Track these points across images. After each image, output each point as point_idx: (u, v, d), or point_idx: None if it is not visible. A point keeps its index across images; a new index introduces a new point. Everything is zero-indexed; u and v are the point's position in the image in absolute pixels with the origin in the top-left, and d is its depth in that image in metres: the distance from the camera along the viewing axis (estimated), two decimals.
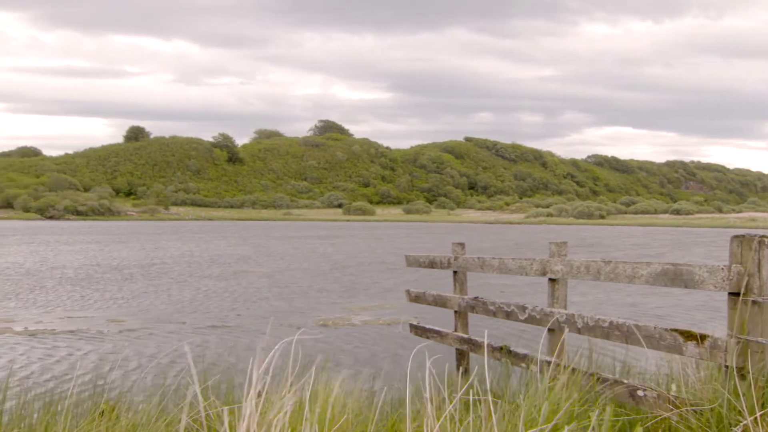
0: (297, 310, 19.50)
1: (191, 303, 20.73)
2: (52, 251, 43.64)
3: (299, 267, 33.18)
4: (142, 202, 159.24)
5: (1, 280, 26.65)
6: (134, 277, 28.14)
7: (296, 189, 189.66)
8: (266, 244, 53.03)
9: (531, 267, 7.00)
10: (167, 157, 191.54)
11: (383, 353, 13.62)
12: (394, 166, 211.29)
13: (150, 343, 14.55)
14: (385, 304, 20.52)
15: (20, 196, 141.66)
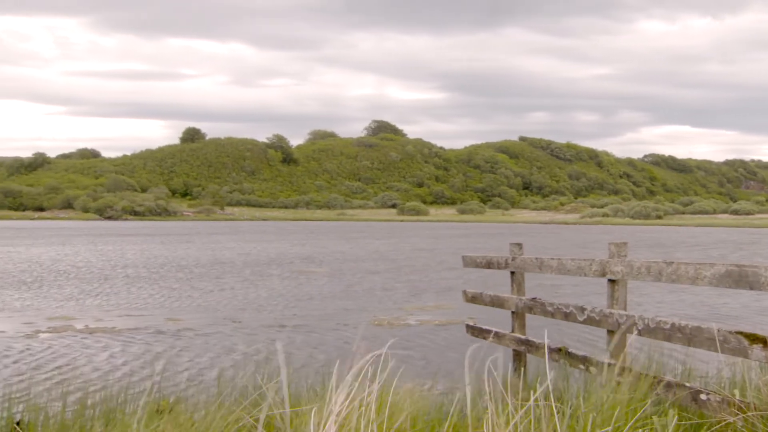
0: (353, 310, 19.55)
1: (249, 302, 20.90)
2: (114, 251, 44.36)
3: (355, 267, 33.25)
4: (198, 202, 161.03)
5: (64, 278, 27.16)
6: (194, 276, 28.47)
7: (350, 189, 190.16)
8: (322, 244, 53.26)
9: (590, 268, 6.91)
10: (222, 158, 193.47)
11: (439, 354, 13.58)
12: (448, 166, 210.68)
13: (207, 343, 14.69)
14: (441, 305, 20.46)
15: (80, 197, 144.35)
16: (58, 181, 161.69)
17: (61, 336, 15.34)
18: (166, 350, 13.67)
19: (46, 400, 6.48)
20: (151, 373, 10.39)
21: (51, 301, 20.93)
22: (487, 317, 16.06)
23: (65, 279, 27.16)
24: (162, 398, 6.89)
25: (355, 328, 16.59)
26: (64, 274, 28.95)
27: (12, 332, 15.79)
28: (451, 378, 10.84)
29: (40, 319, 17.67)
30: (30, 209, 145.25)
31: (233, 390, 5.99)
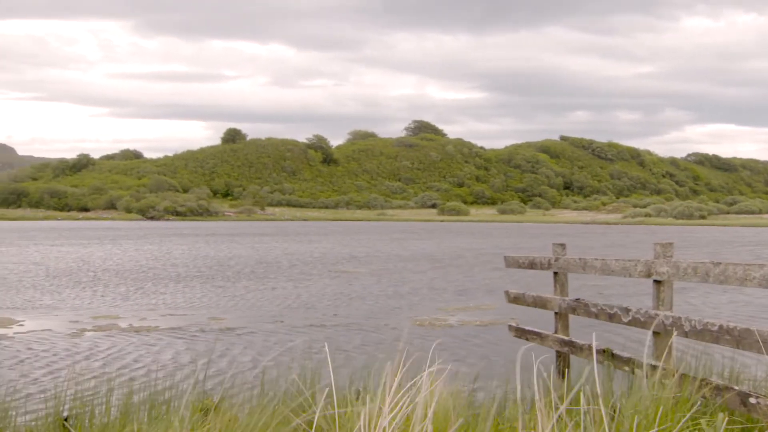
0: (395, 310, 19.55)
1: (291, 302, 20.99)
2: (160, 250, 44.81)
3: (396, 267, 33.25)
4: (239, 202, 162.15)
5: (111, 278, 27.50)
6: (236, 276, 28.66)
7: (390, 189, 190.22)
8: (363, 244, 53.34)
9: (635, 268, 6.83)
10: (263, 158, 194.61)
11: (481, 354, 13.53)
12: (488, 166, 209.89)
13: (250, 342, 14.78)
14: (482, 305, 20.39)
15: (123, 198, 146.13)
16: (101, 182, 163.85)
17: (106, 334, 15.53)
18: (209, 349, 13.77)
19: (92, 398, 6.57)
20: (194, 371, 10.48)
21: (97, 300, 21.20)
22: (529, 318, 15.96)
23: (112, 278, 27.48)
24: (206, 397, 6.95)
25: (396, 328, 16.59)
26: (110, 274, 29.30)
27: (59, 330, 16.03)
28: (493, 379, 10.79)
29: (86, 317, 17.91)
30: (74, 209, 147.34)
31: (277, 389, 6.02)
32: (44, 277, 27.94)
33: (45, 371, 12.08)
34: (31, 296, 22.01)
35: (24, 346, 14.25)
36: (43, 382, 11.27)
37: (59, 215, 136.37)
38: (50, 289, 23.73)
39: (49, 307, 19.88)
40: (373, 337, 15.50)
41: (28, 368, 12.29)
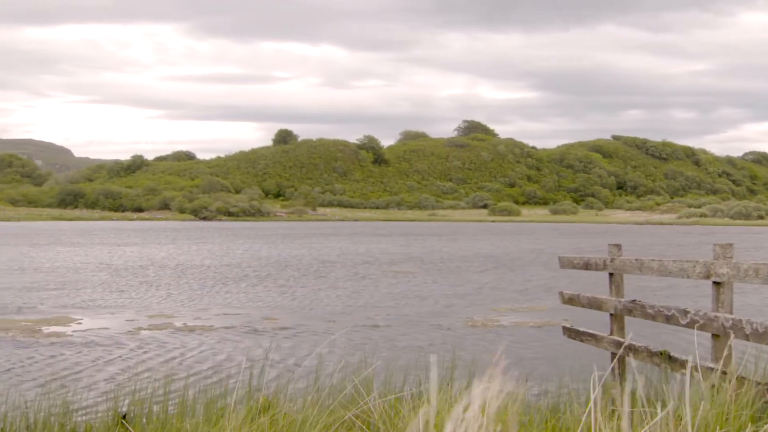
0: (447, 310, 19.52)
1: (345, 302, 21.07)
2: (217, 250, 45.29)
3: (448, 268, 33.20)
4: (290, 203, 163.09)
5: (166, 277, 27.87)
6: (290, 275, 28.85)
7: (441, 190, 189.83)
8: (415, 244, 53.32)
9: (693, 269, 6.73)
10: (314, 159, 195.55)
11: (534, 355, 13.45)
12: (540, 166, 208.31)
13: (304, 341, 14.87)
14: (535, 306, 20.27)
15: (176, 198, 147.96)
16: (155, 183, 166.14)
17: (162, 333, 15.74)
18: (263, 348, 13.88)
19: (149, 395, 6.67)
20: (248, 370, 10.57)
21: (153, 299, 21.49)
22: (583, 319, 15.81)
23: (167, 277, 27.84)
24: (260, 395, 7.00)
25: (449, 328, 16.56)
26: (166, 273, 29.69)
27: (115, 329, 16.29)
28: (547, 380, 10.72)
29: (142, 316, 18.18)
30: (129, 210, 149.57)
31: (331, 388, 6.05)
32: (101, 276, 28.41)
33: (102, 369, 12.28)
34: (89, 295, 22.40)
35: (82, 344, 14.51)
36: (101, 380, 11.47)
37: (114, 215, 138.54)
38: (108, 289, 24.12)
39: (106, 305, 20.21)
40: (425, 336, 15.50)
41: (86, 366, 12.52)
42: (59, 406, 6.49)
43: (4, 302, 20.60)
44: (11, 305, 20.06)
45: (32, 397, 9.33)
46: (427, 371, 7.76)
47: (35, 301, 20.86)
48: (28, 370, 12.18)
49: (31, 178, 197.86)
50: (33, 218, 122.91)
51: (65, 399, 6.71)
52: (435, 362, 4.65)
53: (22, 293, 22.62)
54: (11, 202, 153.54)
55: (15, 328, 16.30)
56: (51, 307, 19.91)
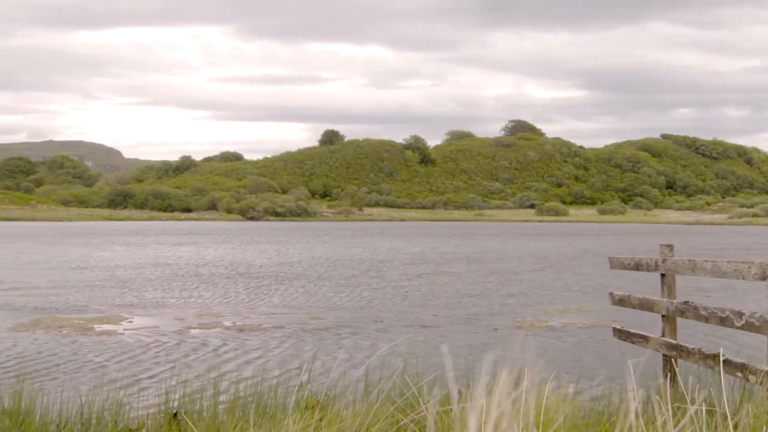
0: (495, 311, 19.44)
1: (392, 302, 21.09)
2: (270, 250, 45.63)
3: (496, 268, 33.07)
4: (337, 203, 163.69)
5: (216, 277, 28.14)
6: (339, 275, 28.95)
7: (488, 190, 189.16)
8: (461, 244, 53.20)
9: (749, 271, 6.62)
10: (361, 159, 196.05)
11: (584, 356, 13.34)
12: (587, 166, 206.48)
13: (352, 342, 14.91)
14: (583, 307, 20.10)
15: (224, 199, 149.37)
16: (203, 183, 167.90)
17: (211, 332, 15.89)
18: (312, 348, 13.95)
19: (199, 394, 6.74)
20: (298, 370, 10.63)
21: (202, 298, 21.71)
22: (632, 320, 15.65)
23: (217, 277, 28.10)
24: (310, 395, 7.03)
25: (497, 329, 16.50)
26: (215, 272, 29.97)
27: (165, 328, 16.48)
28: (597, 382, 10.63)
29: (191, 315, 18.37)
30: (177, 210, 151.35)
31: (381, 388, 6.05)
32: (153, 276, 28.77)
33: (153, 367, 12.44)
34: (141, 294, 22.70)
35: (133, 342, 14.71)
36: (151, 377, 11.61)
37: (163, 216, 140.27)
38: (159, 288, 24.42)
39: (157, 304, 20.46)
40: (474, 337, 15.45)
41: (137, 364, 12.68)
42: (112, 403, 6.59)
43: (60, 300, 20.97)
44: (66, 303, 20.41)
45: (86, 393, 9.49)
46: (476, 372, 7.74)
47: (88, 300, 21.20)
48: (81, 367, 12.39)
49: (82, 179, 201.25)
50: (84, 218, 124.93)
51: (117, 396, 6.81)
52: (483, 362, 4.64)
53: (76, 291, 23.00)
54: (63, 202, 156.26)
55: (68, 325, 16.58)
56: (103, 305, 20.21)
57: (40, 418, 6.48)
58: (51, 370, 12.04)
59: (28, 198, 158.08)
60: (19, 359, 12.91)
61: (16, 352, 13.57)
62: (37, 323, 16.93)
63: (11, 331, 15.92)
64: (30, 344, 14.39)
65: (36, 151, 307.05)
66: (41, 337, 15.23)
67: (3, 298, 21.59)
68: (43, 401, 6.76)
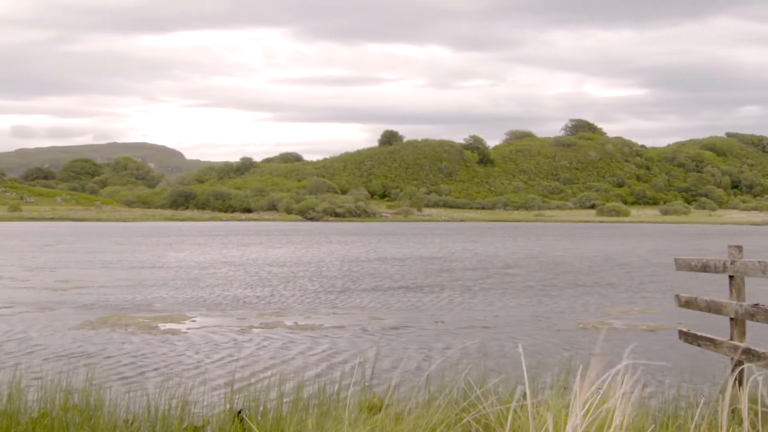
0: (558, 312, 19.27)
1: (451, 303, 21.04)
2: (325, 250, 45.91)
3: (557, 269, 32.79)
4: (396, 204, 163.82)
5: (279, 276, 28.38)
6: (397, 276, 28.98)
7: (548, 190, 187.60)
8: (523, 245, 52.85)
9: None
10: (420, 159, 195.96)
11: (649, 359, 13.13)
12: (649, 165, 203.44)
13: (413, 342, 14.90)
14: (647, 309, 19.81)
15: (283, 199, 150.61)
16: (263, 184, 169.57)
17: (273, 332, 16.02)
18: (373, 348, 13.97)
19: (263, 392, 6.79)
20: (359, 370, 10.65)
21: (263, 299, 21.90)
22: (697, 323, 15.37)
23: (277, 277, 28.33)
24: (372, 395, 7.05)
25: (560, 330, 16.35)
26: (277, 272, 30.22)
27: (228, 327, 16.67)
28: (664, 385, 10.46)
29: (253, 315, 18.55)
30: (238, 210, 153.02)
31: (443, 389, 6.03)
32: (218, 275, 29.12)
33: (216, 366, 12.58)
34: (203, 293, 22.99)
35: (196, 341, 14.90)
36: (215, 376, 11.74)
37: (224, 216, 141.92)
38: (221, 287, 24.70)
39: (219, 304, 20.71)
40: (535, 338, 15.33)
41: (201, 363, 12.85)
42: (178, 400, 6.68)
43: (125, 299, 21.35)
44: (131, 302, 20.78)
45: (152, 391, 9.64)
46: (538, 373, 7.68)
47: (153, 299, 21.55)
48: (146, 364, 12.59)
49: (145, 180, 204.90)
50: (147, 219, 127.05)
51: (183, 394, 6.90)
52: (547, 364, 4.58)
53: (142, 290, 23.40)
54: (126, 203, 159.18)
55: (134, 324, 16.87)
56: (168, 304, 20.52)
57: (109, 414, 6.59)
58: (118, 368, 12.26)
59: (93, 199, 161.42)
60: (87, 357, 13.17)
61: (84, 350, 13.86)
62: (103, 321, 17.27)
63: (79, 328, 16.26)
64: (97, 342, 14.67)
65: (100, 153, 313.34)
66: (108, 334, 15.52)
67: (71, 296, 22.07)
68: (111, 398, 6.89)
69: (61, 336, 15.35)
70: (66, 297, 21.90)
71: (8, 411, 6.47)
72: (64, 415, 6.43)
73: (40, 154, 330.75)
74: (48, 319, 17.57)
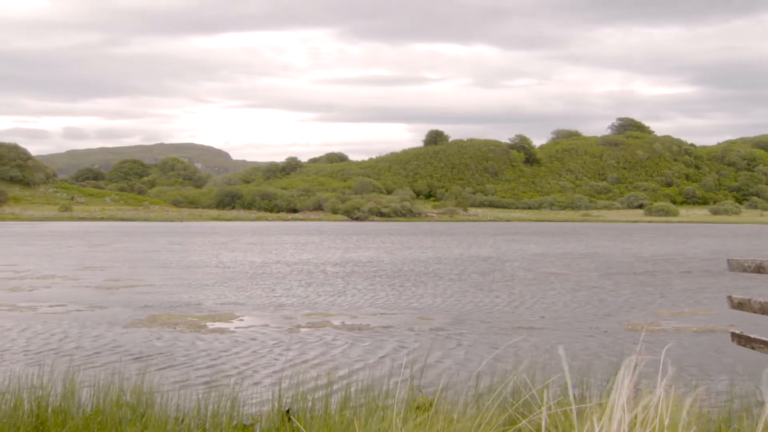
0: (606, 313, 19.09)
1: (499, 303, 20.95)
2: (373, 249, 45.99)
3: (605, 269, 32.48)
4: (441, 204, 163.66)
5: (327, 276, 28.49)
6: (444, 276, 28.94)
7: (595, 189, 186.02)
8: (571, 245, 52.47)
9: None
10: (465, 159, 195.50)
11: (700, 362, 12.96)
12: (699, 164, 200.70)
13: (460, 343, 14.86)
14: (697, 311, 19.53)
15: (329, 199, 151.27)
16: (309, 184, 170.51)
17: (320, 331, 16.08)
18: (420, 348, 13.96)
19: (311, 391, 6.83)
20: (407, 370, 10.65)
21: (310, 298, 22.00)
22: (750, 325, 15.12)
23: (325, 276, 28.43)
24: (420, 395, 7.03)
25: (607, 331, 16.19)
26: (326, 271, 30.34)
27: (275, 326, 16.77)
28: (717, 389, 10.30)
29: (300, 314, 18.65)
30: (284, 211, 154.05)
31: (492, 391, 6.00)
32: (266, 274, 29.32)
33: (264, 365, 12.66)
34: (251, 292, 23.16)
35: (245, 340, 15.02)
36: (263, 375, 11.82)
37: (269, 216, 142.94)
38: (268, 286, 24.86)
39: (266, 303, 20.84)
40: (583, 340, 15.20)
41: (249, 361, 12.94)
42: (227, 398, 6.74)
43: (174, 298, 21.58)
44: (180, 301, 21.01)
45: (202, 389, 9.73)
46: (584, 374, 7.60)
47: (201, 298, 21.76)
48: (195, 363, 12.70)
49: (192, 180, 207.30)
50: (194, 219, 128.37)
51: (232, 392, 6.96)
52: (595, 365, 4.52)
53: (190, 289, 23.65)
54: (174, 203, 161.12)
55: (183, 322, 17.05)
56: (216, 303, 20.71)
57: (160, 411, 6.67)
58: (167, 366, 12.40)
59: (142, 199, 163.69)
60: (137, 354, 13.34)
61: (134, 348, 14.04)
62: (153, 320, 17.48)
63: (128, 327, 16.48)
64: (147, 340, 14.86)
65: (148, 153, 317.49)
66: (157, 333, 15.71)
67: (122, 295, 22.38)
68: (162, 395, 6.96)
69: (112, 334, 15.58)
70: (117, 296, 22.22)
71: (63, 407, 6.59)
72: (117, 412, 6.52)
73: (90, 155, 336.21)
74: (100, 318, 17.84)
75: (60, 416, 6.46)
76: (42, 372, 7.34)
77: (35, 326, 16.48)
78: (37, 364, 11.45)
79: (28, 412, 6.47)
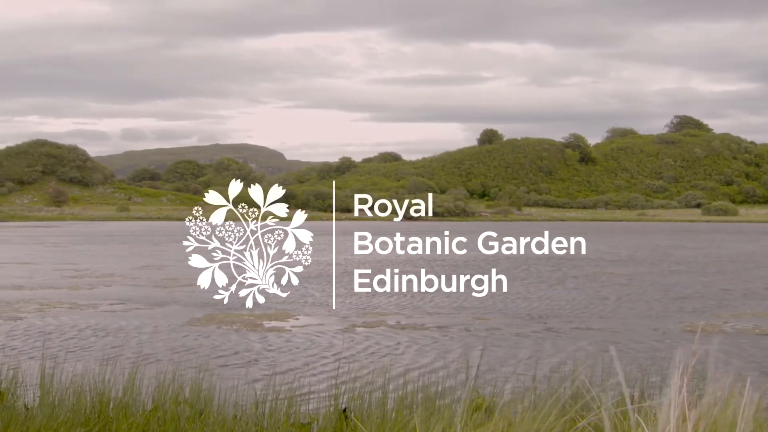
0: (665, 314, 18.82)
1: (555, 304, 20.78)
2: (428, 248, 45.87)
3: (660, 269, 32.02)
4: (495, 203, 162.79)
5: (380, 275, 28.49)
6: (502, 273, 28.72)
7: (651, 188, 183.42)
8: (626, 244, 51.82)
9: None
10: (519, 158, 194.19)
11: (763, 364, 12.70)
12: (760, 162, 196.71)
13: (517, 344, 14.77)
14: (761, 312, 19.14)
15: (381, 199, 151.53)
16: (362, 184, 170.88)
17: (375, 331, 16.10)
18: (477, 349, 13.90)
19: (367, 391, 6.81)
20: (464, 371, 10.60)
21: (365, 297, 22.03)
22: None
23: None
24: (478, 396, 6.98)
25: (665, 333, 15.95)
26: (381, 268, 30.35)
27: (330, 325, 16.84)
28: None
29: (355, 314, 18.69)
30: (337, 210, 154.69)
31: (551, 392, 5.93)
32: (322, 272, 29.45)
33: (321, 364, 12.72)
34: (308, 292, 23.26)
35: (301, 339, 15.10)
36: (319, 374, 11.87)
37: (323, 216, 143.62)
38: (323, 285, 24.94)
39: (321, 303, 20.93)
40: (642, 341, 14.99)
41: (305, 360, 13.01)
42: (284, 397, 6.76)
43: (232, 298, 21.74)
44: (237, 300, 21.13)
45: (259, 387, 9.79)
46: (650, 376, 7.47)
47: (259, 296, 21.89)
48: (252, 361, 12.81)
49: (247, 180, 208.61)
50: None
51: (289, 391, 6.98)
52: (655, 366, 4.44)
53: None
54: None
55: (239, 321, 17.21)
56: (271, 302, 20.84)
57: (218, 409, 6.72)
58: (225, 364, 12.52)
59: (197, 199, 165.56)
60: (196, 352, 13.49)
61: (192, 346, 14.20)
62: (210, 319, 17.66)
63: (186, 325, 16.68)
64: (205, 339, 15.02)
65: (203, 154, 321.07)
66: (215, 332, 15.87)
67: (180, 294, 22.66)
68: (220, 393, 7.02)
69: (170, 332, 15.78)
70: (175, 294, 22.50)
71: (123, 403, 6.68)
72: (176, 409, 6.58)
73: (147, 156, 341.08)
74: (158, 316, 18.09)
75: (121, 411, 6.55)
76: (103, 368, 7.44)
77: (96, 324, 16.77)
78: (98, 361, 11.64)
79: (90, 407, 6.58)
